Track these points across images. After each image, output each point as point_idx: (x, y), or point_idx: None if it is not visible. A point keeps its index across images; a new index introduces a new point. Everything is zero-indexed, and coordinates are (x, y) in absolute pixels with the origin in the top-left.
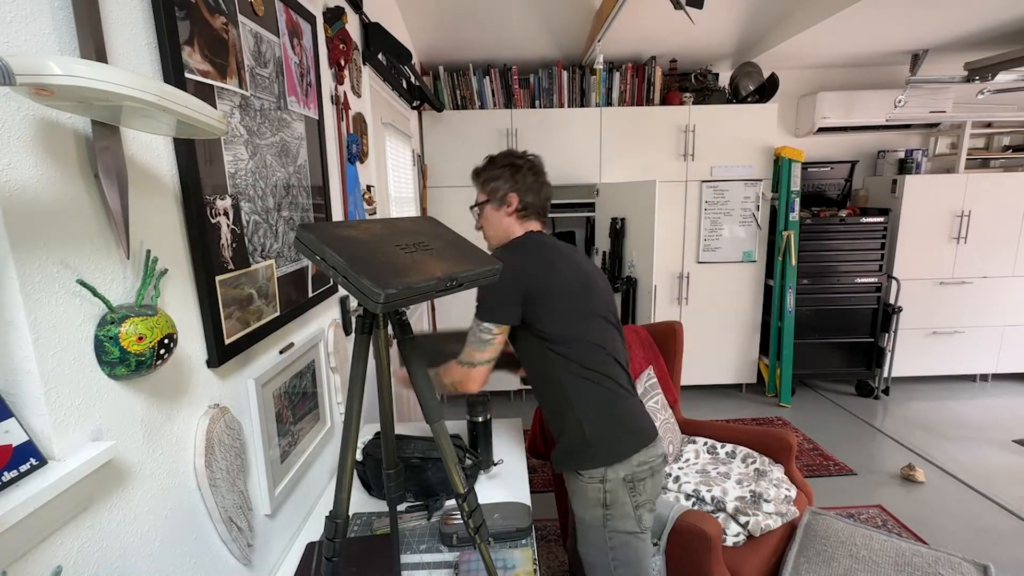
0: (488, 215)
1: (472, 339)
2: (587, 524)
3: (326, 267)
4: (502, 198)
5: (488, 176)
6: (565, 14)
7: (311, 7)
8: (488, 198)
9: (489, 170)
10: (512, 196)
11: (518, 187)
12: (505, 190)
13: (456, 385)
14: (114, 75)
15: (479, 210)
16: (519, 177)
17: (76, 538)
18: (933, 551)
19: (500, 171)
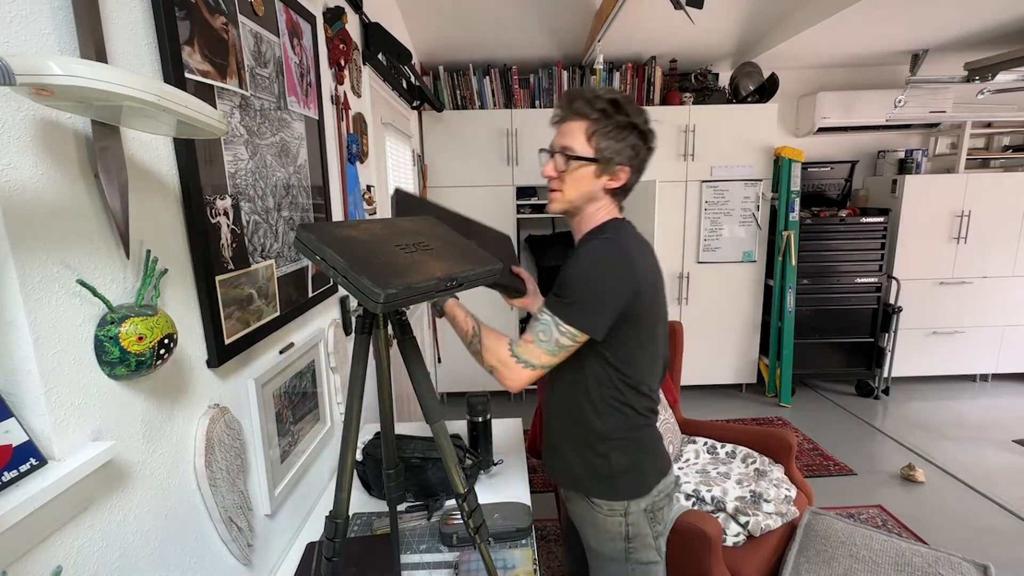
0: (579, 175)
1: (544, 336)
2: (606, 557)
3: (326, 267)
4: (612, 167)
5: (607, 130)
6: (565, 14)
7: (311, 7)
8: (596, 157)
9: (612, 122)
10: (624, 171)
11: (636, 162)
12: (621, 159)
13: (497, 371)
14: (114, 75)
15: (568, 161)
16: (642, 152)
17: (76, 538)
18: (933, 551)
19: (626, 133)
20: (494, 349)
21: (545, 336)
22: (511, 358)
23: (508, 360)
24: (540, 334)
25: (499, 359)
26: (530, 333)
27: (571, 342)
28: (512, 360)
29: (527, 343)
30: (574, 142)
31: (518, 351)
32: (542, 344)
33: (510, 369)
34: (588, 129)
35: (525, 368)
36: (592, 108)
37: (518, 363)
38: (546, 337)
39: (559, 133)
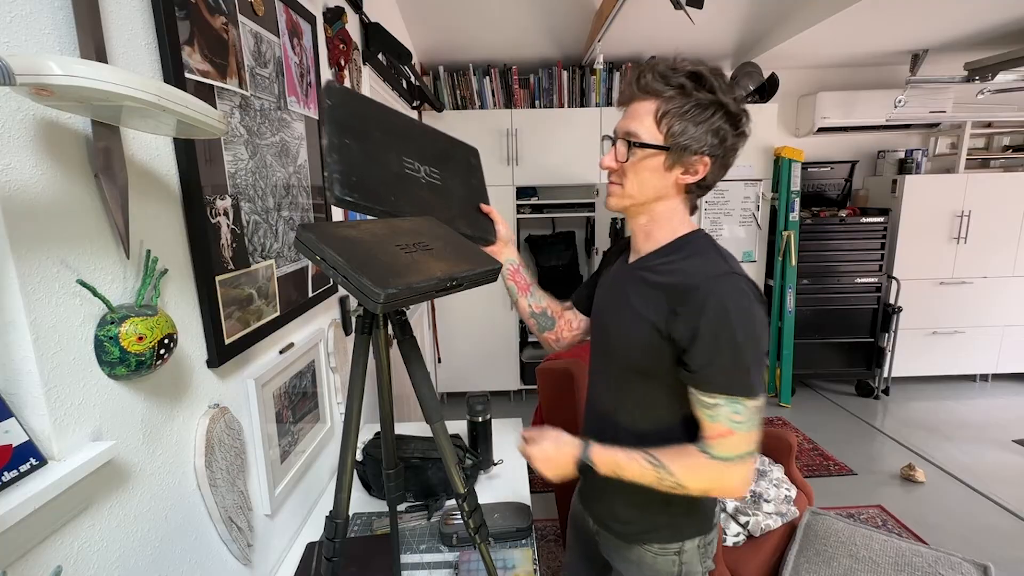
0: (644, 166)
1: (739, 417)
2: None
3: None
4: (687, 156)
5: (683, 110)
6: (565, 14)
7: (311, 7)
8: (666, 144)
9: (690, 101)
10: (703, 163)
11: (720, 152)
12: (700, 147)
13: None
14: (114, 75)
15: (631, 149)
16: (730, 138)
17: (76, 538)
18: (933, 551)
19: (709, 113)
20: (695, 468)
21: (740, 416)
22: (723, 463)
23: (720, 467)
24: (734, 416)
25: (710, 472)
26: (716, 423)
27: (759, 412)
28: (725, 464)
29: (723, 437)
30: (640, 127)
31: (723, 452)
32: (742, 425)
33: (729, 472)
34: (658, 110)
35: (743, 461)
36: (666, 84)
37: (732, 463)
38: (741, 417)
39: (625, 115)
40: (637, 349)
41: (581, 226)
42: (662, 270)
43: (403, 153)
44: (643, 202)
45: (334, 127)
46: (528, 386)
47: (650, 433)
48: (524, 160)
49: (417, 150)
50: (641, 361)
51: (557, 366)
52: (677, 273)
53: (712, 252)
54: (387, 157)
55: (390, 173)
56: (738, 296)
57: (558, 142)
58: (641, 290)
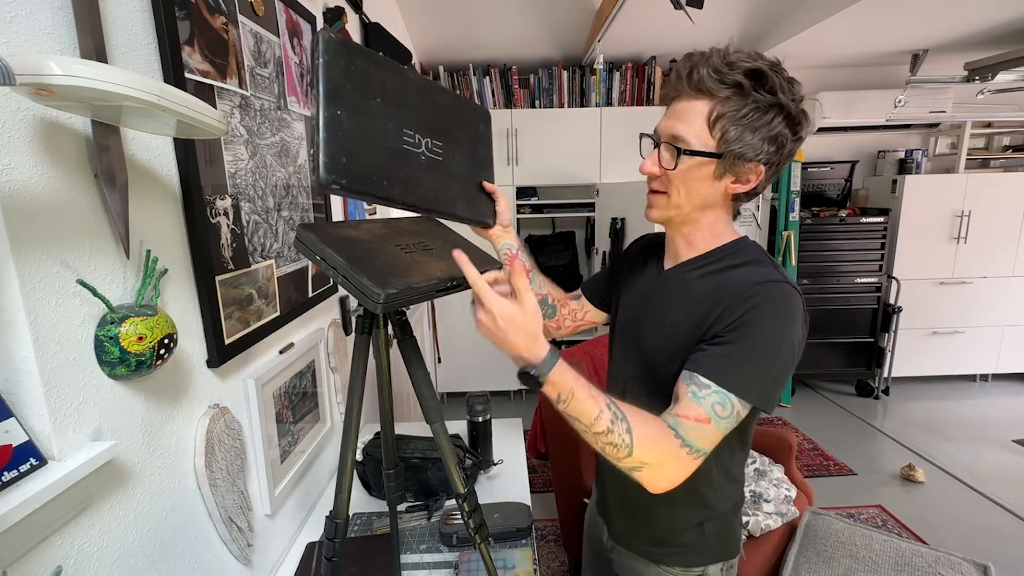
0: (693, 176)
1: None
2: None
3: (326, 267)
4: (742, 165)
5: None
6: (565, 14)
7: (311, 7)
8: (719, 152)
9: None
10: (758, 172)
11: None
12: (756, 155)
13: (655, 468)
14: (114, 75)
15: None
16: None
17: (76, 538)
18: (933, 551)
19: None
20: (655, 439)
21: (725, 411)
22: (682, 448)
23: (678, 451)
24: (718, 408)
25: (665, 451)
26: (699, 406)
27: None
28: (684, 451)
29: (701, 423)
30: (689, 130)
31: (690, 436)
32: (721, 422)
33: (680, 462)
34: (712, 112)
35: (697, 458)
36: (722, 83)
37: (690, 453)
38: (726, 412)
39: (669, 114)
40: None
41: (581, 226)
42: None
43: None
44: (691, 212)
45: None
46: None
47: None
48: (524, 160)
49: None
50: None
51: None
52: (730, 283)
53: (767, 261)
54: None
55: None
56: (789, 307)
57: (558, 142)
58: (683, 301)
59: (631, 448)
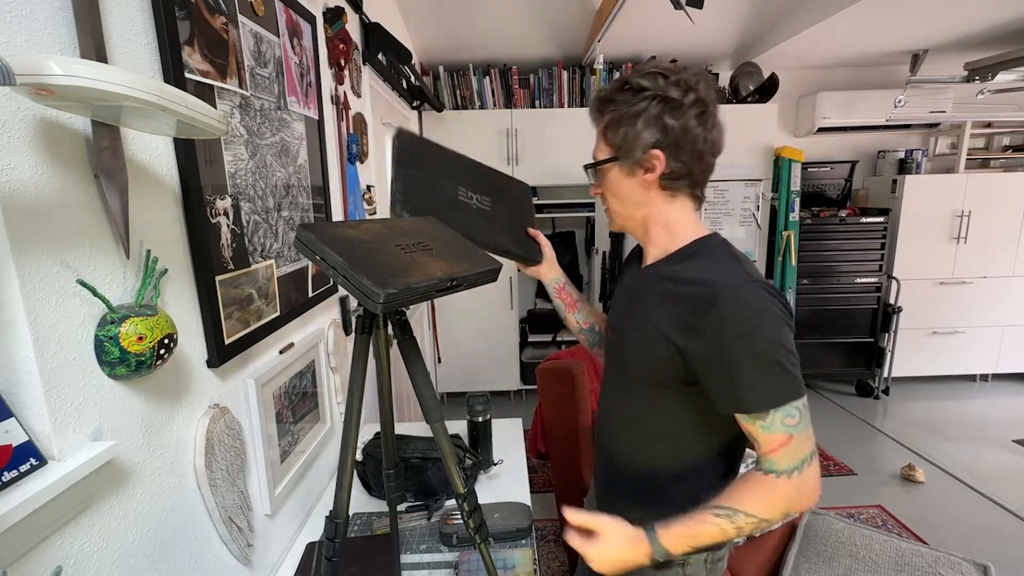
0: (610, 182)
1: (791, 420)
2: None
3: (326, 267)
4: (636, 156)
5: (618, 117)
6: (565, 14)
7: (311, 7)
8: (615, 154)
9: (622, 106)
10: (655, 156)
11: (671, 139)
12: (645, 142)
13: (795, 507)
14: (114, 75)
15: (595, 173)
16: (675, 118)
17: (76, 538)
18: (933, 551)
19: (642, 108)
20: (769, 497)
21: (794, 419)
22: (787, 479)
23: (792, 483)
24: (788, 421)
25: (785, 496)
26: (774, 433)
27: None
28: (795, 478)
29: (785, 445)
30: (597, 149)
31: (787, 463)
32: (798, 428)
33: (803, 487)
34: (602, 127)
35: (809, 466)
36: (603, 103)
37: (800, 473)
38: (795, 419)
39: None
40: (653, 362)
41: (581, 226)
42: (676, 278)
43: (458, 183)
44: (632, 214)
45: (399, 161)
46: (528, 386)
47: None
48: (524, 160)
49: (472, 182)
50: (651, 372)
51: (557, 366)
52: (693, 284)
53: (728, 258)
54: (444, 185)
55: (445, 198)
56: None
57: (558, 142)
58: (656, 300)
59: (761, 519)
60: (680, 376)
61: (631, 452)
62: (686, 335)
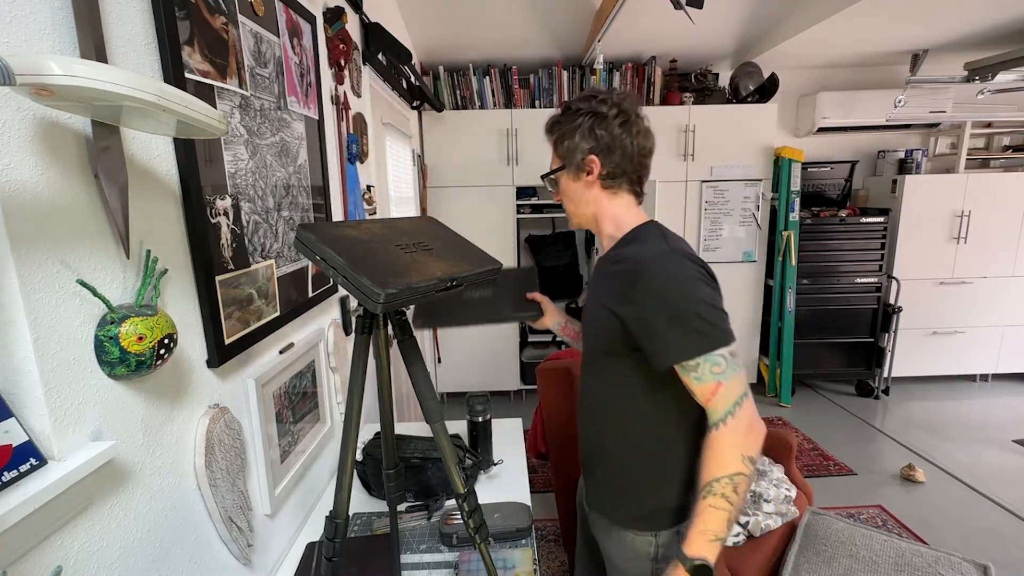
0: (565, 188)
1: (717, 369)
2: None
3: (326, 267)
4: (577, 161)
5: (562, 134)
6: (565, 14)
7: (311, 7)
8: (562, 163)
9: (563, 124)
10: (591, 160)
11: (602, 144)
12: (583, 150)
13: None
14: (114, 75)
15: (552, 182)
16: (604, 128)
17: (76, 538)
18: (933, 551)
19: (577, 123)
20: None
21: (721, 367)
22: (728, 426)
23: (730, 429)
24: (715, 370)
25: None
26: (705, 383)
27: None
28: (731, 424)
29: (716, 393)
30: (551, 162)
31: (720, 408)
32: (725, 375)
33: (740, 428)
34: (552, 143)
35: (740, 407)
36: (553, 125)
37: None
38: (722, 367)
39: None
40: (602, 332)
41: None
42: (616, 260)
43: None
44: (584, 213)
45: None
46: (528, 386)
47: (617, 399)
48: (524, 160)
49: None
50: (603, 341)
51: (557, 366)
52: (625, 260)
53: (656, 237)
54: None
55: (453, 303)
56: (673, 268)
57: None
58: (603, 282)
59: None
60: (626, 342)
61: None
62: (623, 304)
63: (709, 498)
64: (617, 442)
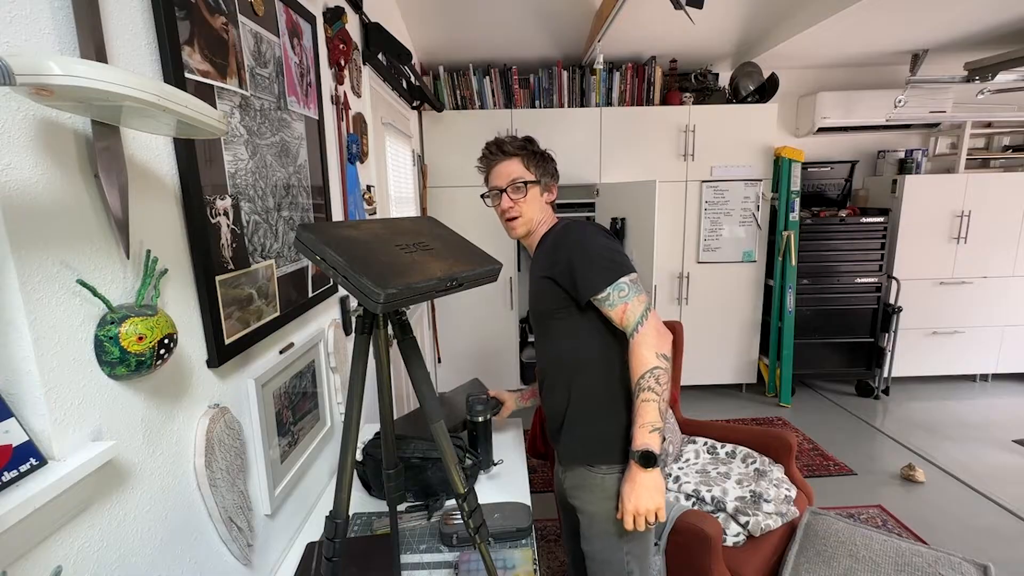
0: (532, 196)
1: (623, 293)
2: (601, 518)
3: (326, 267)
4: (548, 185)
5: (535, 159)
6: (565, 14)
7: (311, 7)
8: (539, 179)
9: (536, 153)
10: (554, 186)
11: (556, 179)
12: (552, 180)
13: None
14: (114, 75)
15: (526, 187)
16: (556, 173)
17: (76, 538)
18: (933, 551)
19: (545, 159)
20: (638, 354)
21: (625, 291)
22: (640, 334)
23: (641, 336)
24: (621, 293)
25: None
26: (616, 307)
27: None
28: (642, 332)
29: (627, 312)
30: (521, 173)
31: (630, 322)
32: (629, 296)
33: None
34: (523, 161)
35: (646, 319)
36: (518, 148)
37: (642, 327)
38: (626, 292)
39: (496, 175)
40: (539, 297)
41: None
42: (544, 246)
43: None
44: (534, 217)
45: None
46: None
47: (566, 352)
48: None
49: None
50: (544, 305)
51: None
52: (549, 242)
53: (564, 222)
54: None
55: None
56: (578, 228)
57: (558, 142)
58: (537, 264)
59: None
60: (560, 298)
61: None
62: (552, 268)
63: (640, 394)
64: (576, 392)
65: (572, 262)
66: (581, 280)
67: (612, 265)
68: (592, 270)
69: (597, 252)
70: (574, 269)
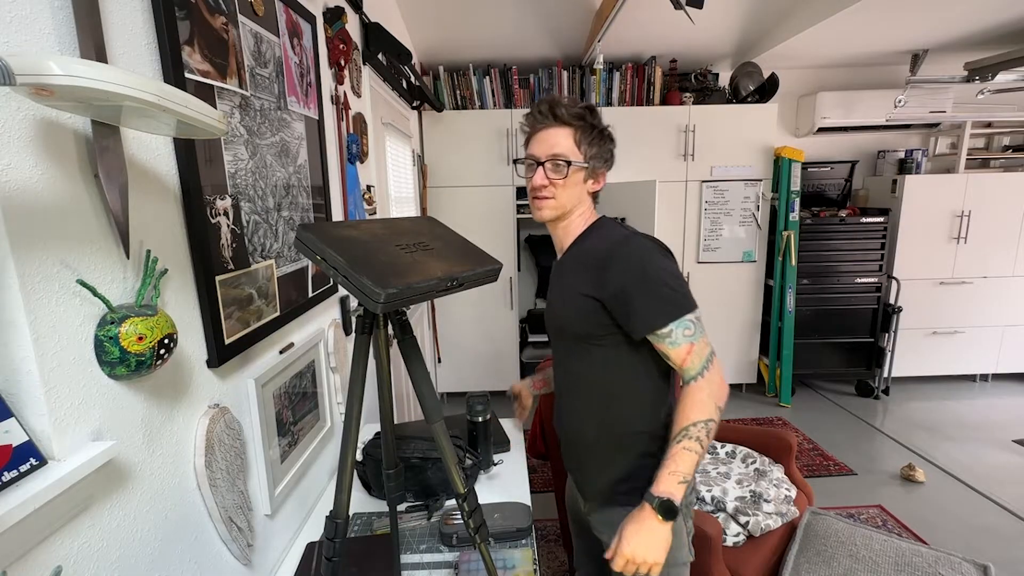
0: (573, 181)
1: (688, 332)
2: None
3: (326, 267)
4: (597, 172)
5: (591, 137)
6: (565, 14)
7: (311, 7)
8: (587, 162)
9: (595, 129)
10: (603, 176)
11: (610, 166)
12: (604, 167)
13: (721, 393)
14: (114, 75)
15: (568, 167)
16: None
17: (76, 538)
18: (933, 551)
19: (605, 139)
20: (697, 401)
21: (691, 330)
22: (702, 379)
23: (704, 383)
24: (686, 332)
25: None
26: (679, 347)
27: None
28: (705, 378)
29: (691, 354)
30: (564, 150)
31: (693, 366)
32: (695, 336)
33: (712, 382)
34: (575, 136)
35: (712, 363)
36: (575, 116)
37: (708, 372)
38: (692, 331)
39: (538, 141)
40: (577, 317)
41: None
42: (584, 251)
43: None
44: (570, 209)
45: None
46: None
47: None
48: None
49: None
50: (582, 328)
51: None
52: (595, 250)
53: (613, 227)
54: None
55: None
56: (639, 249)
57: None
58: (573, 271)
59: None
60: (605, 324)
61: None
62: (599, 288)
63: (684, 441)
64: (609, 427)
65: (628, 290)
66: (640, 311)
67: (677, 297)
68: (654, 301)
69: (662, 280)
70: (631, 299)
